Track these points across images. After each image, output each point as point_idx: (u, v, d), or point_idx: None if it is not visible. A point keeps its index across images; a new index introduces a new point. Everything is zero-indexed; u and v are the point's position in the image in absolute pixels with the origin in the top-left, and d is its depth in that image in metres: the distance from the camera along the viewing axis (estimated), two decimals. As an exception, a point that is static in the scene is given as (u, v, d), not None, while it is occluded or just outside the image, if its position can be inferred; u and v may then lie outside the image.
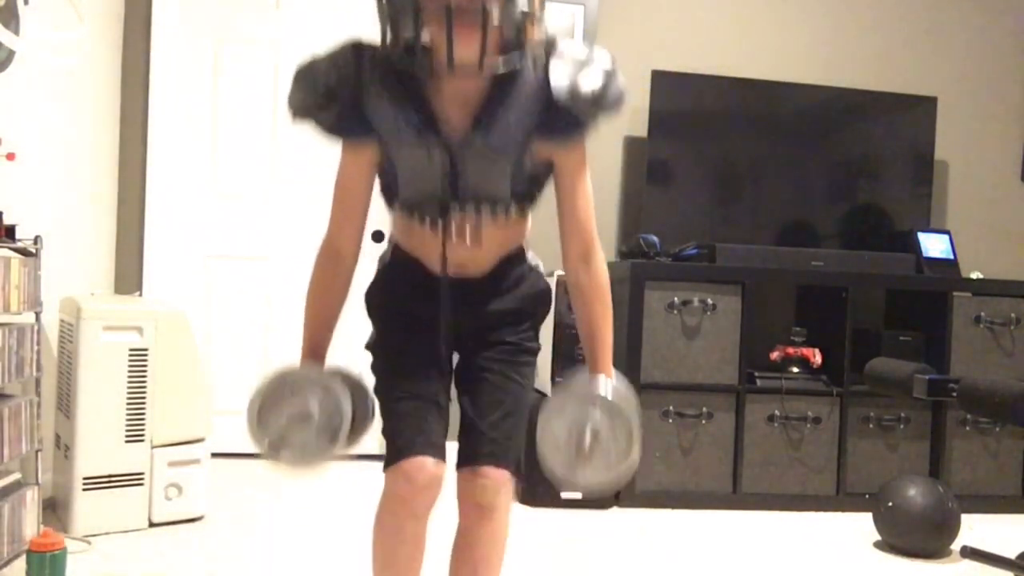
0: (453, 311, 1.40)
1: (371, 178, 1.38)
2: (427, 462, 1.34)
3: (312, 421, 1.27)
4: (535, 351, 1.48)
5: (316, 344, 1.40)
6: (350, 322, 1.53)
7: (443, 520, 1.45)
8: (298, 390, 1.28)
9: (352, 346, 1.61)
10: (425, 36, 1.23)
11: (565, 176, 1.37)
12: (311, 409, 1.27)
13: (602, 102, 1.26)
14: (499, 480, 1.39)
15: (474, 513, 1.42)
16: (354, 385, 1.35)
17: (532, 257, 1.50)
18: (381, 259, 1.50)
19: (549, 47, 1.28)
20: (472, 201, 1.34)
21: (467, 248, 1.37)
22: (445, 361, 1.45)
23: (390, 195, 1.40)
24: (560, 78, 1.25)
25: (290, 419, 1.28)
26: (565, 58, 1.27)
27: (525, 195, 1.37)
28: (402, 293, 1.45)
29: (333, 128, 1.31)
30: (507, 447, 1.41)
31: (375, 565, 1.43)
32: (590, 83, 1.25)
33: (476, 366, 1.44)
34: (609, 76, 1.27)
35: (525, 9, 1.21)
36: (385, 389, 1.43)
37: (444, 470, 1.37)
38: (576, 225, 1.39)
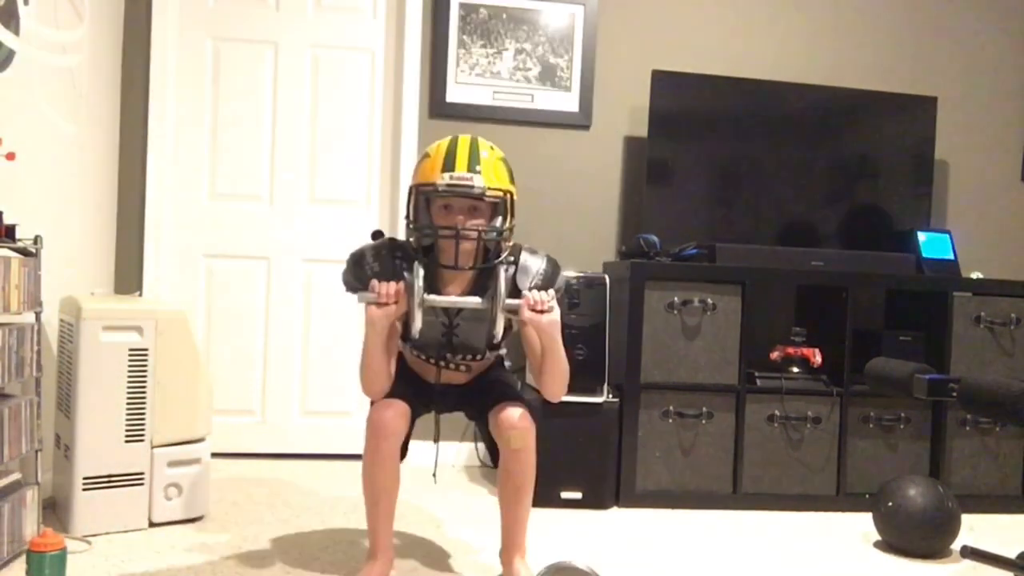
0: (444, 396, 2.10)
1: (395, 341, 2.01)
2: (397, 402, 1.96)
3: None
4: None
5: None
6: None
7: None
8: None
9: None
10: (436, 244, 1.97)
11: (535, 343, 1.99)
12: None
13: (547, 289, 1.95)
14: (524, 428, 1.99)
15: (510, 453, 2.01)
16: None
17: (506, 357, 2.17)
18: None
19: (515, 253, 2.00)
20: (460, 352, 2.01)
21: (457, 375, 2.06)
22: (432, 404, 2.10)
23: (403, 337, 2.01)
24: (523, 283, 1.98)
25: None
26: (526, 268, 2.00)
27: (496, 346, 2.03)
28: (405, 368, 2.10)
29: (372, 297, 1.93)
30: (517, 395, 2.05)
31: (363, 474, 1.99)
32: (537, 293, 1.91)
33: (470, 392, 2.10)
34: (549, 278, 2.00)
35: (501, 229, 1.92)
36: None
37: (409, 413, 1.98)
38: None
